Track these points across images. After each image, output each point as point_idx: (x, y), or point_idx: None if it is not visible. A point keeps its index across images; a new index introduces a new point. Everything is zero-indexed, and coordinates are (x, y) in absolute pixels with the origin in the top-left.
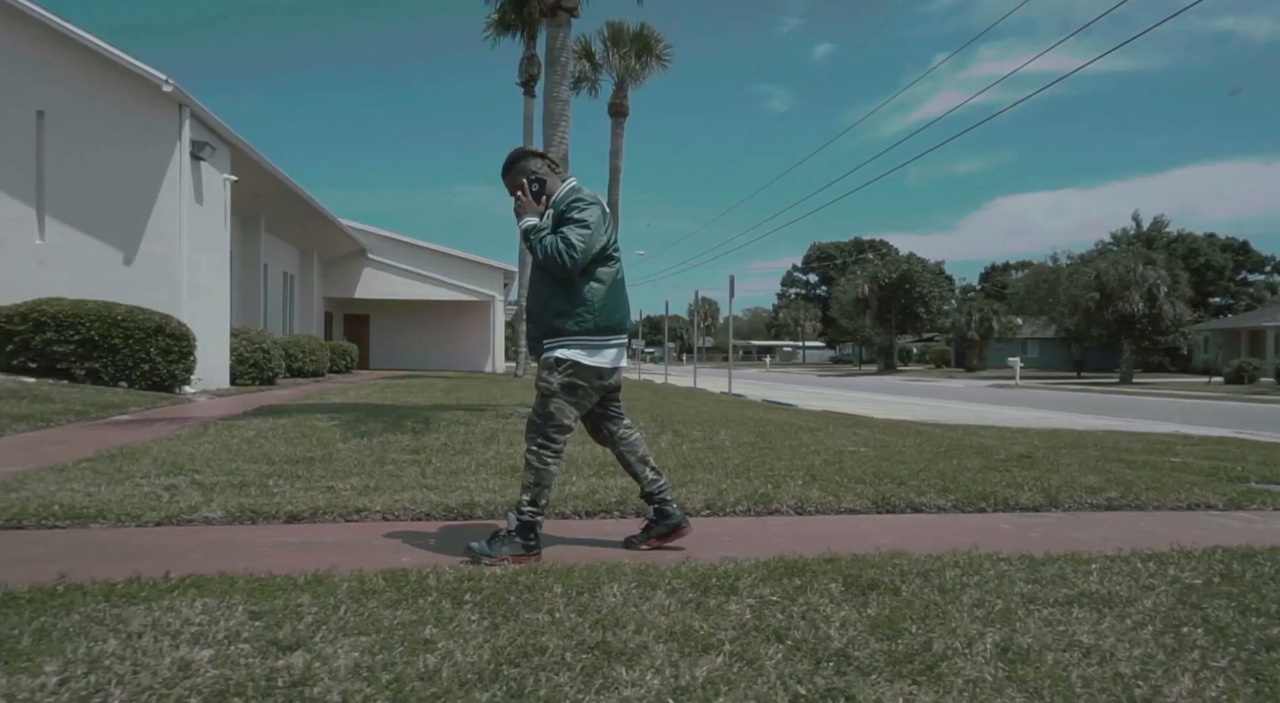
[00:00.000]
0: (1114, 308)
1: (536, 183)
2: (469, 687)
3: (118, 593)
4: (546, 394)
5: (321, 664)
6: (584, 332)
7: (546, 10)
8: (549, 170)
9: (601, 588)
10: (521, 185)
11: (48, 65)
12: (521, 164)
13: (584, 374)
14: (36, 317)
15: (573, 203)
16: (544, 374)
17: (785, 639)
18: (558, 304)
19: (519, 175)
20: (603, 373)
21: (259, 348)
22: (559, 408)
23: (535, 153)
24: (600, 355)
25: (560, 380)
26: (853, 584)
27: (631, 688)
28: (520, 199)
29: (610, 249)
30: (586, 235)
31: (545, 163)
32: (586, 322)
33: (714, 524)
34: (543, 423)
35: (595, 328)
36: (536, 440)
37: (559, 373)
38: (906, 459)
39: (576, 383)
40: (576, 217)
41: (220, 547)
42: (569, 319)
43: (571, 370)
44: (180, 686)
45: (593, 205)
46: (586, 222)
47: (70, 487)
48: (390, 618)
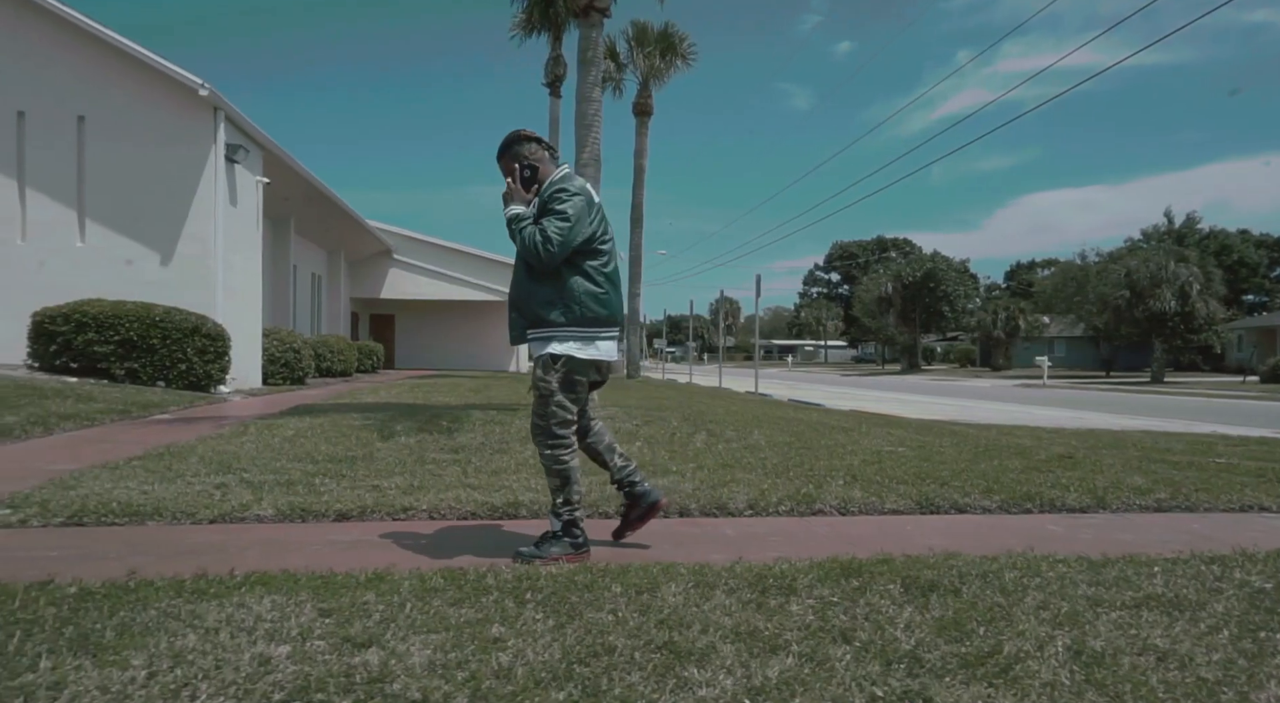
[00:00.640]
0: (1145, 306)
1: (528, 169)
2: (544, 685)
3: (188, 589)
4: (547, 394)
5: (397, 662)
6: (571, 323)
7: (579, 11)
8: (544, 157)
9: (660, 588)
10: (514, 171)
11: (88, 71)
12: (516, 148)
13: (581, 368)
14: (78, 317)
15: (555, 193)
16: (541, 374)
17: (852, 640)
18: (544, 294)
19: (512, 160)
20: (599, 366)
21: (290, 348)
22: (560, 405)
23: (532, 137)
24: (594, 348)
25: (559, 378)
26: (912, 586)
27: (706, 688)
28: (510, 185)
29: (597, 242)
30: (565, 229)
31: (541, 148)
32: (573, 313)
33: (758, 524)
34: (547, 423)
35: (582, 319)
36: (547, 443)
37: (556, 371)
38: (946, 460)
39: (574, 378)
40: (557, 208)
41: (274, 544)
42: (555, 310)
43: (567, 366)
44: (263, 681)
45: (575, 197)
46: (566, 214)
47: (125, 485)
48: (456, 616)
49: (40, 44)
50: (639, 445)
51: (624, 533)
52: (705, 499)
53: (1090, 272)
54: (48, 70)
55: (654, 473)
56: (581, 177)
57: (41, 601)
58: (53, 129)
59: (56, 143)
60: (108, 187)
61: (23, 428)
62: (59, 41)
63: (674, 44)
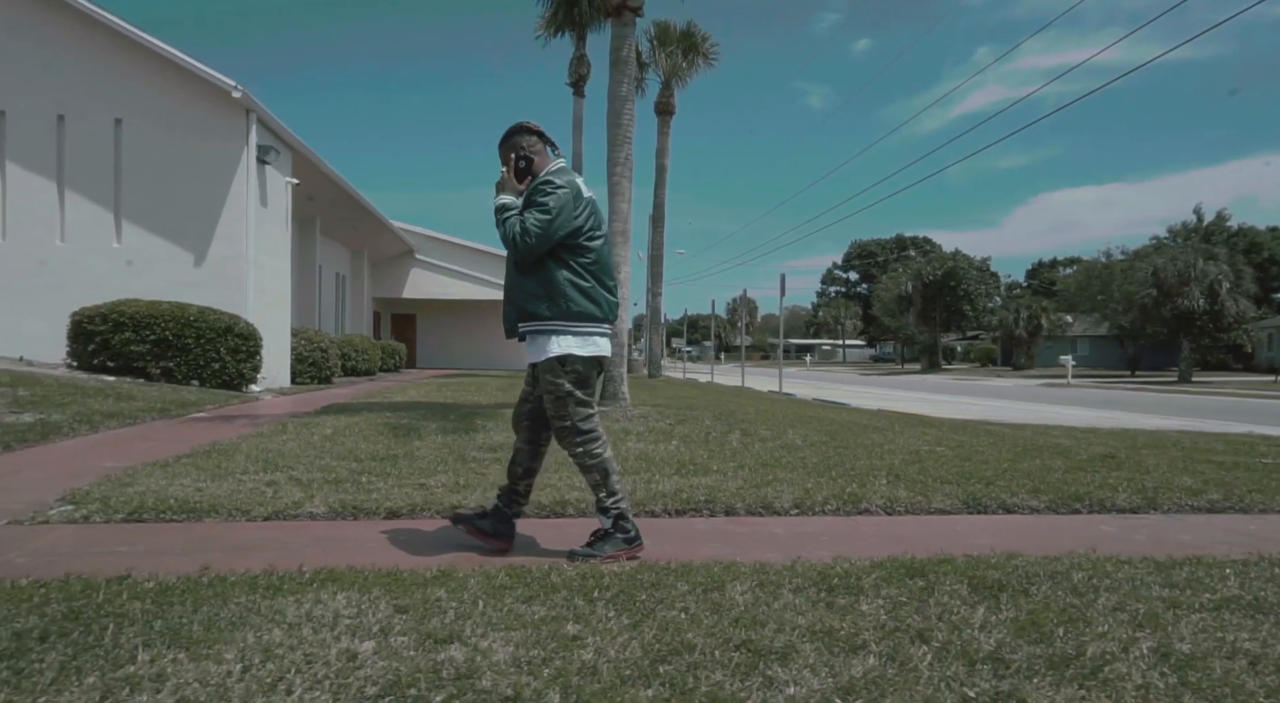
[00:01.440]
0: (1173, 304)
1: (523, 160)
2: (630, 683)
3: (261, 585)
4: (561, 396)
5: (482, 658)
6: (558, 317)
7: (611, 10)
8: (542, 150)
9: (726, 586)
10: (509, 160)
11: (125, 74)
12: (515, 138)
13: (587, 365)
14: (116, 317)
15: (541, 185)
16: (551, 378)
17: (930, 640)
18: (530, 288)
19: (510, 150)
20: (601, 362)
21: (317, 347)
22: (578, 402)
23: (533, 130)
24: (593, 345)
25: (570, 380)
26: (979, 586)
27: (793, 687)
28: (504, 174)
29: (584, 237)
30: (544, 222)
31: (541, 142)
32: (559, 307)
33: (806, 524)
34: (571, 423)
35: (569, 313)
36: (575, 441)
37: (566, 374)
38: (987, 459)
39: (582, 373)
40: (539, 200)
41: (331, 542)
42: (541, 303)
43: (577, 365)
44: (353, 676)
45: (560, 190)
46: (547, 206)
47: (179, 482)
48: (530, 613)
49: (79, 48)
50: (675, 444)
51: (461, 520)
52: (751, 499)
53: (1115, 270)
54: (86, 74)
55: (696, 472)
56: (614, 176)
57: (124, 595)
58: (91, 132)
59: (94, 145)
60: (143, 188)
61: (70, 426)
62: (97, 45)
63: (696, 43)
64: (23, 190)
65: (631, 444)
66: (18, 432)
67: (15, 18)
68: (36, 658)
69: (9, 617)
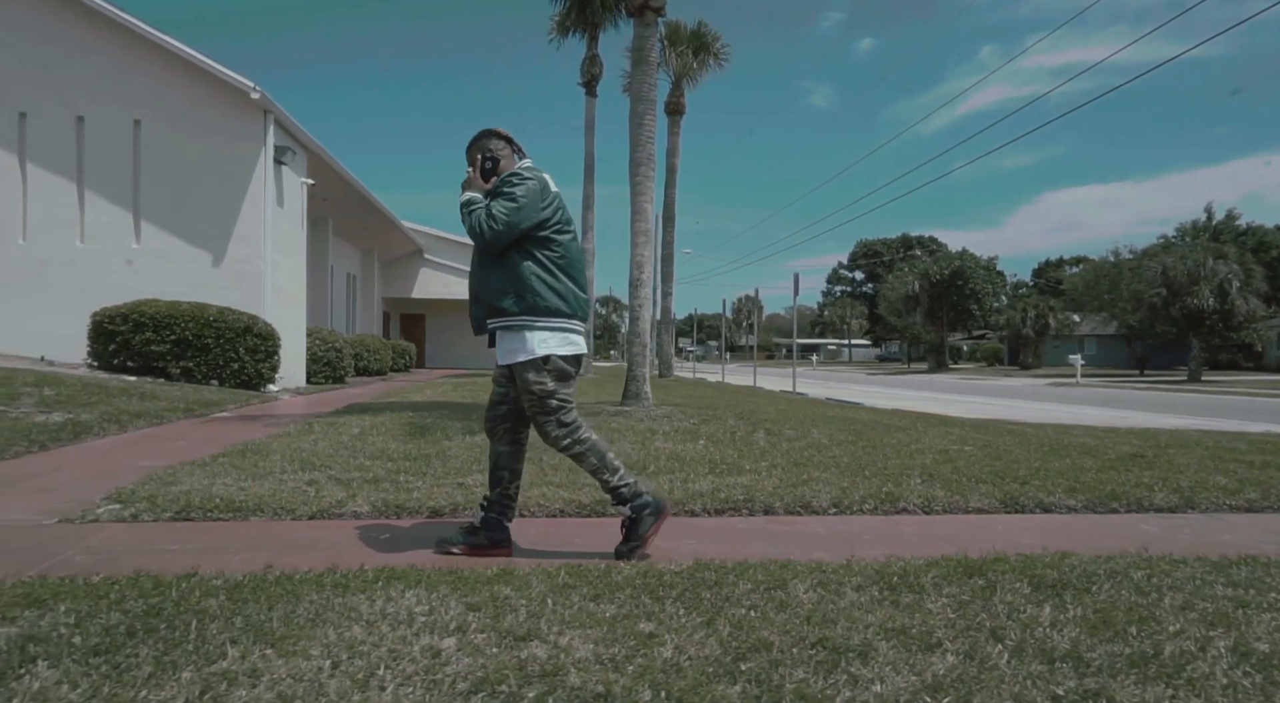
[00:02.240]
0: (1182, 303)
1: (490, 161)
2: (716, 679)
3: (328, 583)
4: (544, 395)
5: (564, 655)
6: (526, 312)
7: (634, 10)
8: (508, 153)
9: (788, 585)
10: (476, 161)
11: (144, 75)
12: (482, 141)
13: (568, 363)
14: (136, 317)
15: (510, 177)
16: (533, 376)
17: (1003, 639)
18: (496, 282)
19: (476, 152)
20: (579, 361)
21: (332, 347)
22: (560, 399)
23: (502, 135)
24: (572, 344)
25: (553, 378)
26: (1039, 585)
27: (879, 684)
28: (470, 173)
29: (551, 230)
30: (511, 209)
31: (508, 146)
32: (525, 301)
33: (845, 523)
34: (552, 416)
35: (536, 308)
36: (561, 434)
37: (548, 372)
38: (1017, 459)
39: (564, 370)
40: (506, 191)
41: (379, 540)
42: (507, 297)
43: (559, 361)
44: (441, 672)
45: (528, 182)
46: (515, 195)
47: (221, 481)
48: (600, 611)
49: (99, 50)
50: (702, 444)
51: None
52: (789, 498)
53: (1124, 269)
54: (105, 76)
55: (730, 472)
56: (637, 176)
57: (196, 592)
58: (110, 133)
59: (113, 147)
60: (162, 189)
61: (100, 425)
62: (116, 47)
63: (706, 43)
64: (43, 192)
65: (659, 444)
66: (51, 431)
67: (37, 20)
68: (130, 653)
69: (92, 613)
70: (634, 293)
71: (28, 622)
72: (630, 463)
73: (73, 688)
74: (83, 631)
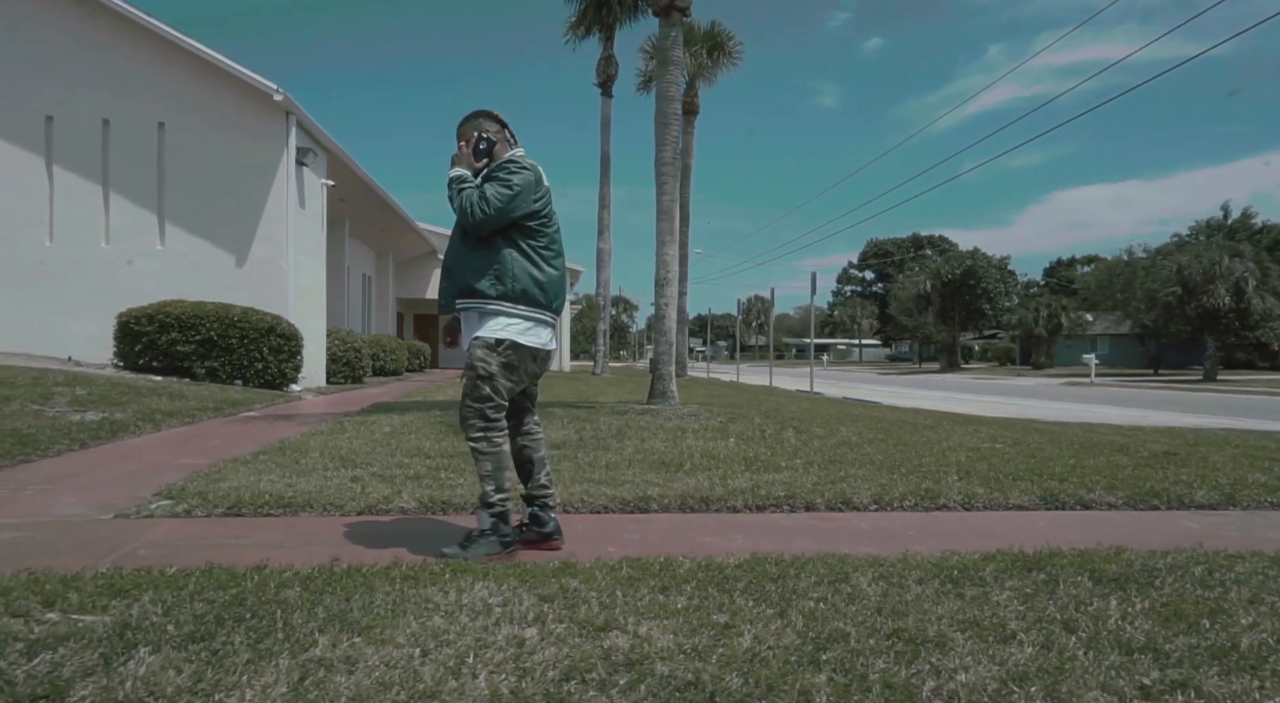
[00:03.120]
0: (1197, 302)
1: (485, 141)
2: (801, 668)
3: (396, 576)
4: (485, 376)
5: (646, 645)
6: (501, 298)
7: (660, 10)
8: (505, 138)
9: (850, 578)
10: (470, 138)
11: (169, 78)
12: (479, 121)
13: (522, 353)
14: (162, 318)
15: (505, 164)
16: (482, 354)
17: (1076, 631)
18: (475, 263)
19: (471, 130)
20: (537, 354)
21: (351, 348)
22: (495, 389)
23: (495, 117)
24: (536, 335)
25: (500, 361)
26: (1100, 579)
27: (964, 674)
28: (461, 149)
29: (539, 220)
30: (505, 195)
31: (503, 130)
32: (503, 286)
33: (888, 519)
34: (481, 405)
35: (513, 294)
36: (478, 425)
37: (498, 354)
38: (1051, 456)
39: (514, 363)
40: (502, 176)
41: (431, 536)
42: (485, 279)
43: (511, 350)
44: (529, 660)
45: (525, 171)
46: (510, 182)
47: (267, 478)
48: (670, 603)
49: (124, 53)
50: (733, 442)
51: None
52: (829, 494)
53: (1138, 268)
54: (130, 78)
55: (766, 469)
56: (662, 175)
57: (271, 584)
58: (135, 135)
59: (138, 149)
60: (185, 191)
61: (135, 424)
62: (141, 50)
63: (721, 43)
64: (70, 194)
65: (691, 442)
66: (89, 430)
67: (63, 24)
68: (225, 640)
69: (177, 603)
70: (659, 292)
71: (119, 610)
72: (664, 461)
73: (177, 673)
74: (173, 619)
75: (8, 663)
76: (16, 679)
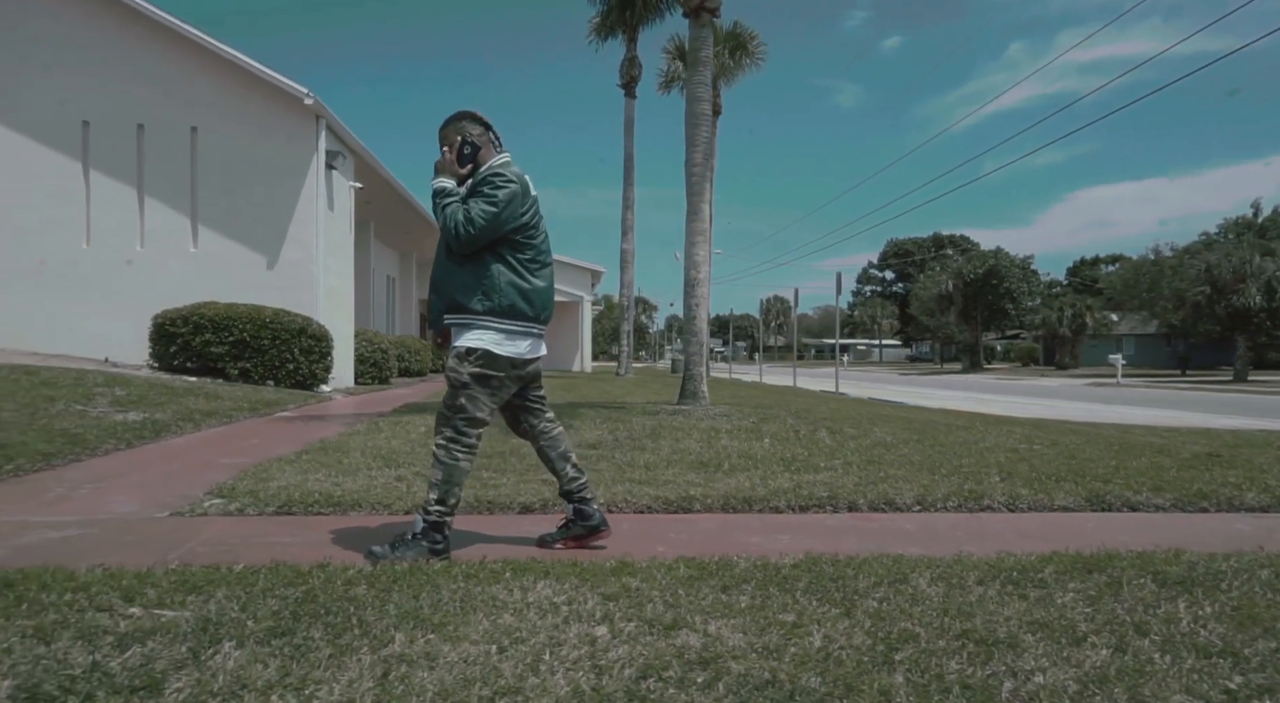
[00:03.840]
0: (1227, 302)
1: (469, 146)
2: (876, 668)
3: (459, 574)
4: (457, 385)
5: (718, 644)
6: (488, 313)
7: (691, 11)
8: (489, 141)
9: (909, 579)
10: (454, 143)
11: (201, 83)
12: (461, 123)
13: (497, 365)
14: (196, 319)
15: (491, 177)
16: (454, 364)
17: (1148, 634)
18: (462, 279)
19: (454, 133)
20: (516, 363)
21: (377, 348)
22: (471, 400)
23: (479, 119)
24: (515, 344)
25: (471, 371)
26: (1164, 581)
27: (1041, 676)
28: (445, 155)
29: (525, 233)
30: (490, 214)
31: (487, 132)
32: (491, 302)
33: (933, 520)
34: (452, 415)
35: (501, 310)
36: (446, 434)
37: (469, 363)
38: (1091, 457)
39: (489, 374)
40: (488, 192)
41: (481, 536)
42: (473, 296)
43: (483, 361)
44: (605, 658)
45: (510, 184)
46: (495, 198)
47: (314, 477)
48: (735, 602)
49: (158, 59)
50: (768, 442)
51: (551, 543)
52: (872, 495)
53: (1165, 267)
54: (164, 84)
55: (805, 469)
56: (694, 177)
57: (338, 581)
58: (169, 141)
59: (171, 153)
60: (218, 193)
61: (176, 424)
62: (174, 56)
63: (743, 42)
64: (106, 197)
65: (725, 442)
66: (133, 429)
67: (99, 31)
68: (305, 636)
69: (251, 599)
70: (690, 292)
71: (196, 606)
72: (702, 461)
73: (264, 667)
74: (251, 614)
75: (102, 656)
76: (113, 671)
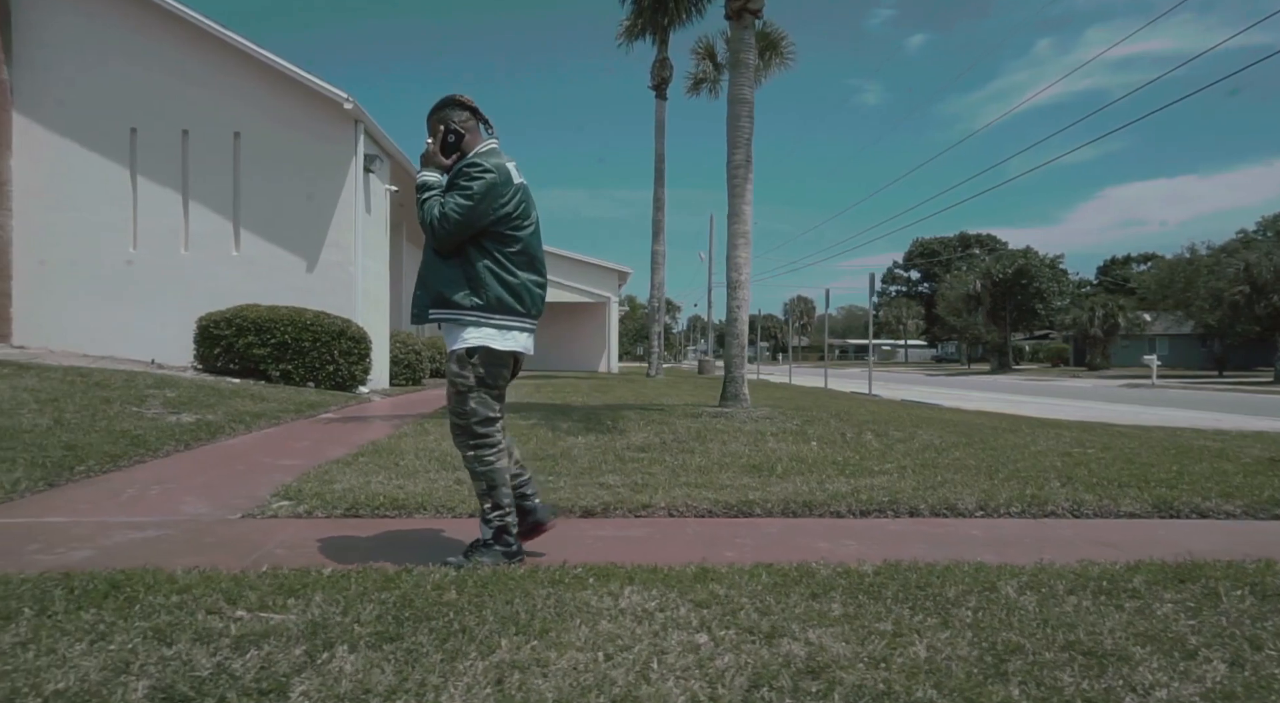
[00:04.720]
0: (1267, 302)
1: (453, 135)
2: (989, 680)
3: (543, 580)
4: (464, 391)
5: (821, 652)
6: (474, 308)
7: (732, 14)
8: (474, 127)
9: (997, 588)
10: (438, 132)
11: (244, 89)
12: (446, 111)
13: (496, 360)
14: (239, 322)
15: (466, 167)
16: (456, 369)
17: (1262, 648)
18: (447, 273)
19: (438, 122)
20: (510, 357)
21: (411, 350)
22: (481, 401)
23: (467, 105)
24: (509, 339)
25: (476, 375)
26: (1264, 593)
27: (1162, 691)
28: (429, 146)
29: (510, 225)
30: (465, 207)
31: (474, 119)
32: (477, 297)
33: (998, 526)
34: (467, 423)
35: (487, 306)
36: (469, 444)
37: (472, 367)
38: (1149, 462)
39: (492, 369)
40: (462, 184)
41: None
42: (459, 290)
43: (484, 360)
44: (711, 666)
45: (487, 175)
46: (470, 191)
47: (376, 479)
48: (828, 610)
49: (203, 66)
50: (815, 445)
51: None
52: (933, 500)
53: (1200, 266)
54: (208, 90)
55: (859, 473)
56: (735, 179)
57: (428, 586)
58: (212, 145)
59: (215, 158)
60: (260, 197)
61: (229, 426)
62: (218, 62)
63: (774, 43)
64: (153, 202)
65: (772, 445)
66: (190, 431)
67: (146, 39)
68: (414, 641)
69: (350, 603)
70: (732, 294)
71: (299, 609)
72: (751, 464)
73: (382, 672)
74: (355, 618)
75: (224, 658)
76: (238, 673)
